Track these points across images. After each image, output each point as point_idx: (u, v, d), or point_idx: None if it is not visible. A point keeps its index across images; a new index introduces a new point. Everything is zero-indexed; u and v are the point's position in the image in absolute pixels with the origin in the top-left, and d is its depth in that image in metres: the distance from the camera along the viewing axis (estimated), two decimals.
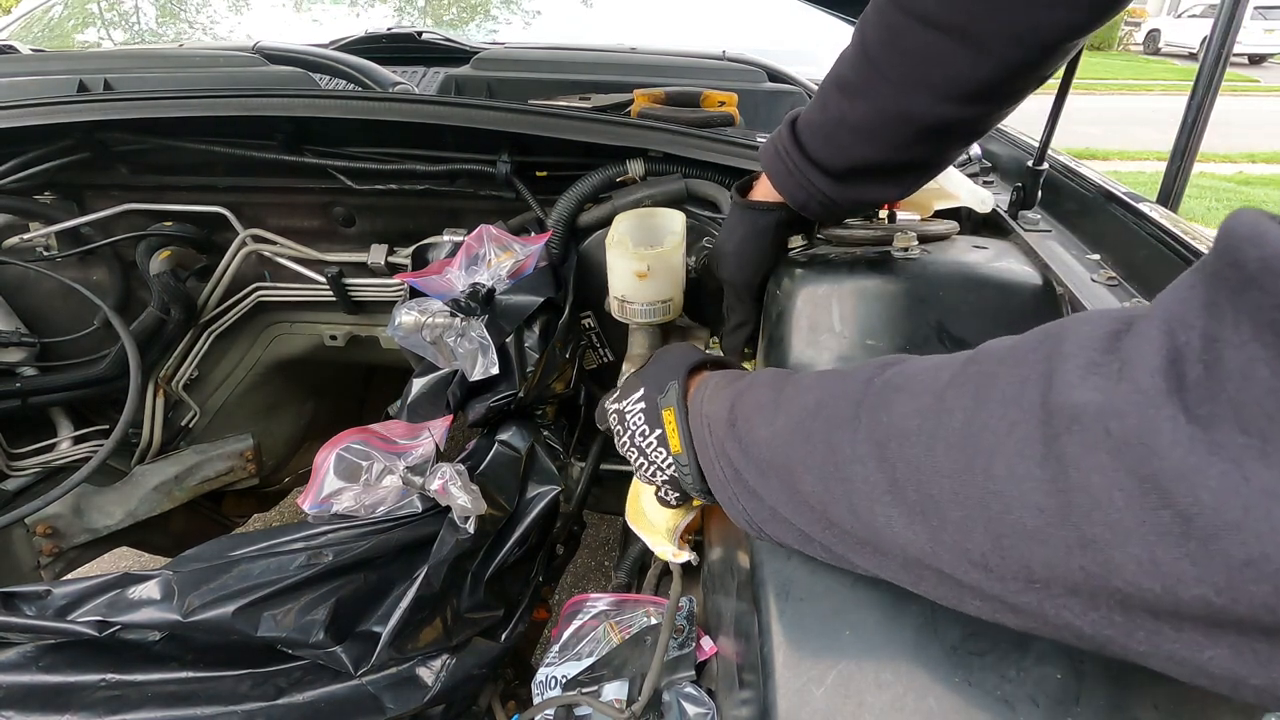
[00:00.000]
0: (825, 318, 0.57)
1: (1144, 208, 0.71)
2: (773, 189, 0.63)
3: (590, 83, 1.18)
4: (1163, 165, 0.96)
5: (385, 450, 0.65)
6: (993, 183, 0.99)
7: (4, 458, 1.01)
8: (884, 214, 0.71)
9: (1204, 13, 13.38)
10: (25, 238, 0.99)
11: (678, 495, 0.54)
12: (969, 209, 0.76)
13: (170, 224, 1.01)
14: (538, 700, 0.60)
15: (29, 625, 0.54)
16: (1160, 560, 0.22)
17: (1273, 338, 0.20)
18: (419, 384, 0.77)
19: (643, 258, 0.74)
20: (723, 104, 0.99)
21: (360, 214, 1.02)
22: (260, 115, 0.85)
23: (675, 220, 0.80)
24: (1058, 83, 0.65)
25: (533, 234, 0.92)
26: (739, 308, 0.72)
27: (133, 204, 0.99)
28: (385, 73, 1.18)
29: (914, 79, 0.51)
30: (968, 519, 0.28)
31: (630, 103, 1.00)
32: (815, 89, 0.59)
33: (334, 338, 1.10)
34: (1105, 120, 7.75)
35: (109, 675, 0.55)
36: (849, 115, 0.54)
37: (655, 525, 0.63)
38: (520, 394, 0.77)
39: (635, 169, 0.87)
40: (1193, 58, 13.16)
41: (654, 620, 0.62)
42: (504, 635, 0.70)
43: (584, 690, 0.57)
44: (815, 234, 0.70)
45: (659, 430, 0.51)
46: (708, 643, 0.58)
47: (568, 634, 0.63)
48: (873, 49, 0.52)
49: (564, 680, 0.59)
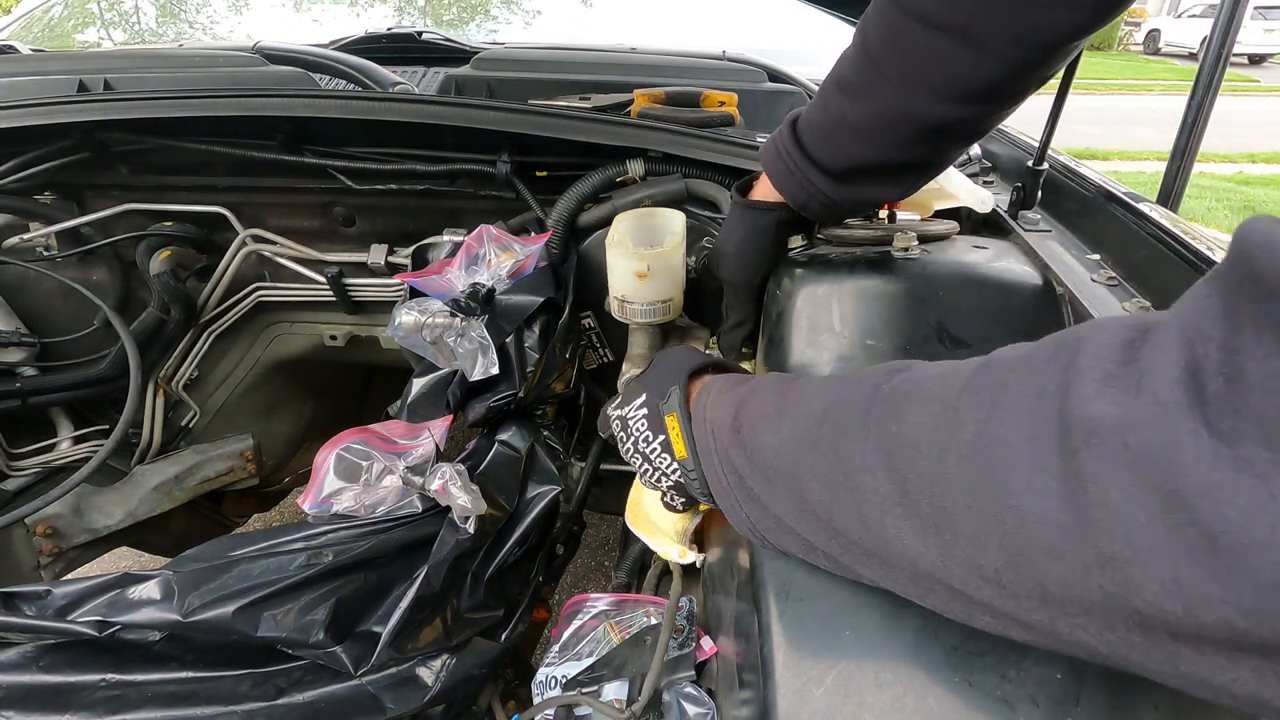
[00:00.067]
0: (825, 318, 0.57)
1: (1144, 208, 0.71)
2: (773, 189, 0.62)
3: (590, 83, 1.18)
4: (1163, 165, 0.96)
5: (385, 450, 0.65)
6: (993, 183, 0.99)
7: (4, 458, 1.01)
8: (884, 214, 0.71)
9: (1204, 13, 13.38)
10: (25, 238, 0.99)
11: (684, 500, 0.53)
12: (969, 209, 0.76)
13: (170, 224, 1.01)
14: (538, 700, 0.60)
15: (29, 625, 0.54)
16: (1183, 580, 0.21)
17: None
18: (419, 384, 0.77)
19: (643, 258, 0.74)
20: (723, 104, 0.99)
21: (360, 214, 1.02)
22: (260, 115, 0.85)
23: (675, 220, 0.80)
24: (1058, 83, 0.65)
25: (533, 234, 0.92)
26: (737, 307, 0.72)
27: (133, 204, 0.99)
28: (385, 73, 1.18)
29: (915, 79, 0.51)
30: (981, 533, 0.28)
31: (630, 103, 1.00)
32: (815, 89, 0.59)
33: (334, 338, 1.10)
34: (1105, 120, 7.75)
35: (109, 675, 0.55)
36: (850, 115, 0.54)
37: (662, 528, 0.63)
38: (520, 394, 0.77)
39: (635, 169, 0.87)
40: (1193, 58, 13.15)
41: (654, 620, 0.62)
42: (504, 635, 0.70)
43: (584, 690, 0.57)
44: (815, 234, 0.70)
45: (662, 436, 0.51)
46: (708, 643, 0.58)
47: (568, 634, 0.63)
48: (873, 49, 0.52)
49: (564, 680, 0.59)
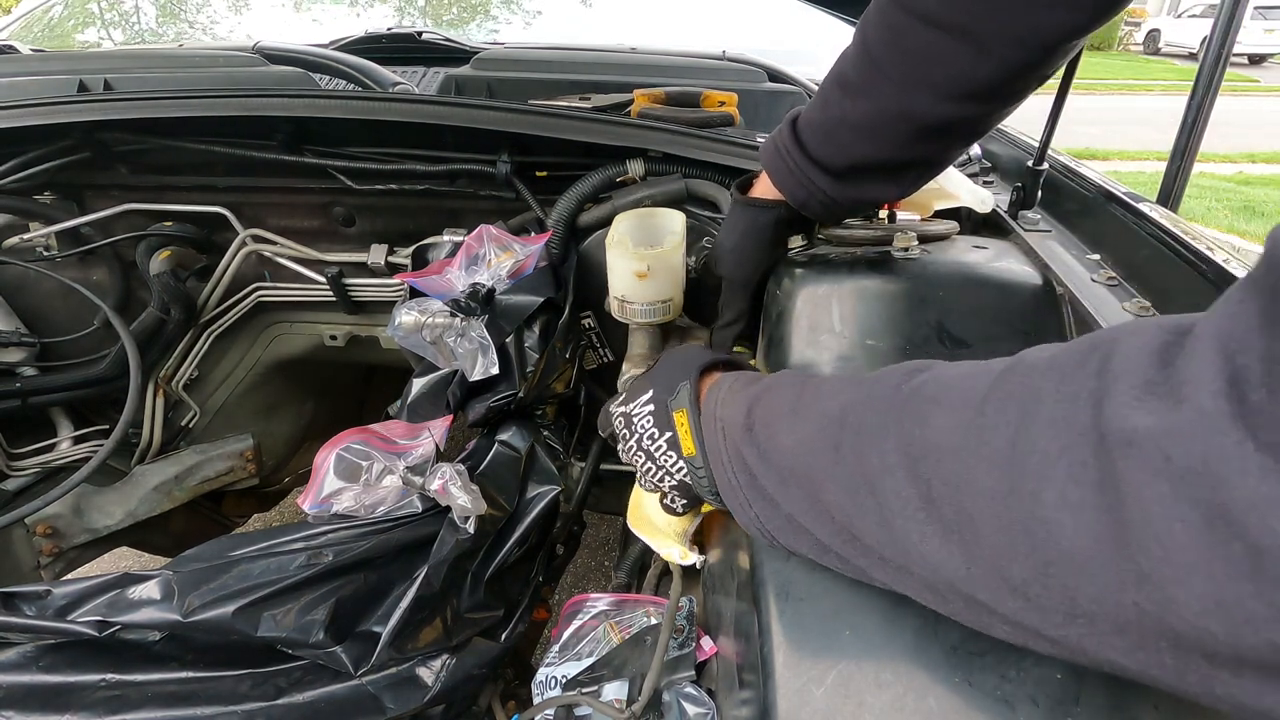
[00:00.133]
0: (825, 318, 0.57)
1: (1144, 208, 0.71)
2: (773, 187, 0.62)
3: (590, 83, 1.18)
4: (1163, 165, 0.96)
5: (385, 450, 0.65)
6: (993, 183, 0.99)
7: (4, 458, 1.01)
8: (884, 214, 0.71)
9: (1204, 13, 13.39)
10: (25, 238, 0.99)
11: (685, 501, 0.52)
12: (969, 209, 0.76)
13: (170, 224, 1.01)
14: (538, 700, 0.60)
15: (29, 625, 0.54)
16: (1226, 599, 0.21)
17: None
18: (419, 384, 0.77)
19: (643, 258, 0.73)
20: (723, 104, 0.99)
21: (360, 214, 1.02)
22: (260, 115, 0.85)
23: (675, 220, 0.80)
24: (1058, 83, 0.65)
25: (533, 234, 0.92)
26: (732, 305, 0.72)
27: (133, 204, 0.99)
28: (385, 73, 1.18)
29: (915, 78, 0.51)
30: (1010, 543, 0.27)
31: (630, 103, 1.00)
32: (815, 89, 0.59)
33: (334, 338, 1.10)
34: (1105, 120, 7.75)
35: (109, 675, 0.55)
36: (850, 114, 0.54)
37: (663, 528, 0.63)
38: (520, 394, 0.77)
39: (635, 169, 0.87)
40: (1193, 58, 13.16)
41: (654, 620, 0.62)
42: (504, 635, 0.70)
43: (584, 690, 0.57)
44: (815, 234, 0.70)
45: (669, 433, 0.50)
46: (708, 643, 0.58)
47: (568, 634, 0.63)
48: (874, 48, 0.52)
49: (564, 680, 0.59)
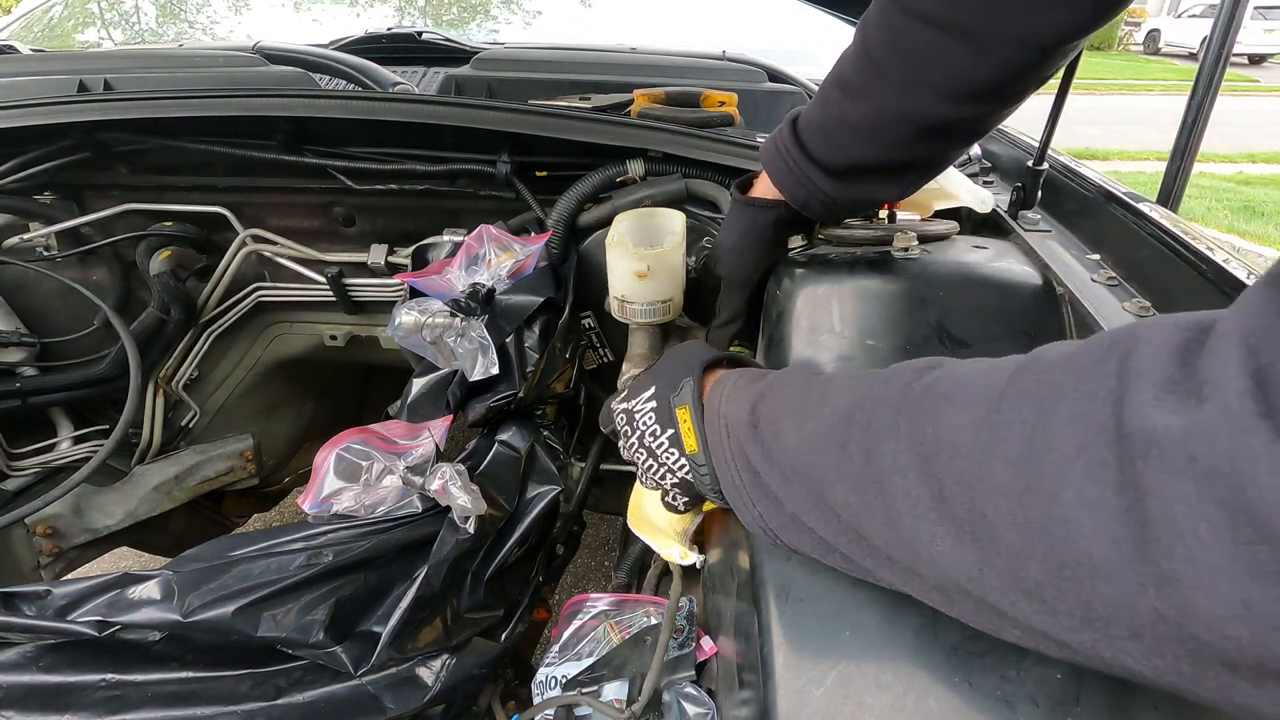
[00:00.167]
0: (825, 318, 0.57)
1: (1144, 208, 0.71)
2: (773, 187, 0.62)
3: (590, 83, 1.18)
4: (1163, 165, 0.96)
5: (385, 450, 0.65)
6: (993, 183, 0.99)
7: (4, 458, 1.00)
8: (884, 214, 0.71)
9: (1204, 13, 13.39)
10: (25, 238, 0.99)
11: (686, 499, 0.52)
12: (969, 209, 0.76)
13: (170, 224, 1.01)
14: (538, 700, 0.60)
15: (29, 625, 0.54)
16: (1253, 602, 0.20)
17: None
18: (419, 384, 0.77)
19: (643, 258, 0.73)
20: (723, 104, 0.99)
21: (360, 214, 1.02)
22: (260, 115, 0.85)
23: (675, 220, 0.80)
24: (1058, 83, 0.65)
25: (533, 234, 0.92)
26: (729, 304, 0.72)
27: (133, 204, 0.99)
28: (385, 73, 1.18)
29: (915, 79, 0.51)
30: (1025, 544, 0.26)
31: (630, 103, 1.00)
32: (815, 89, 0.59)
33: (334, 338, 1.10)
34: (1105, 120, 7.75)
35: (109, 675, 0.55)
36: (850, 114, 0.54)
37: (663, 528, 0.63)
38: (520, 394, 0.77)
39: (635, 169, 0.87)
40: (1193, 58, 13.16)
41: (654, 620, 0.62)
42: (504, 635, 0.70)
43: (584, 690, 0.57)
44: (815, 234, 0.70)
45: (671, 430, 0.50)
46: (708, 643, 0.58)
47: (568, 634, 0.63)
48: (874, 48, 0.52)
49: (564, 680, 0.59)
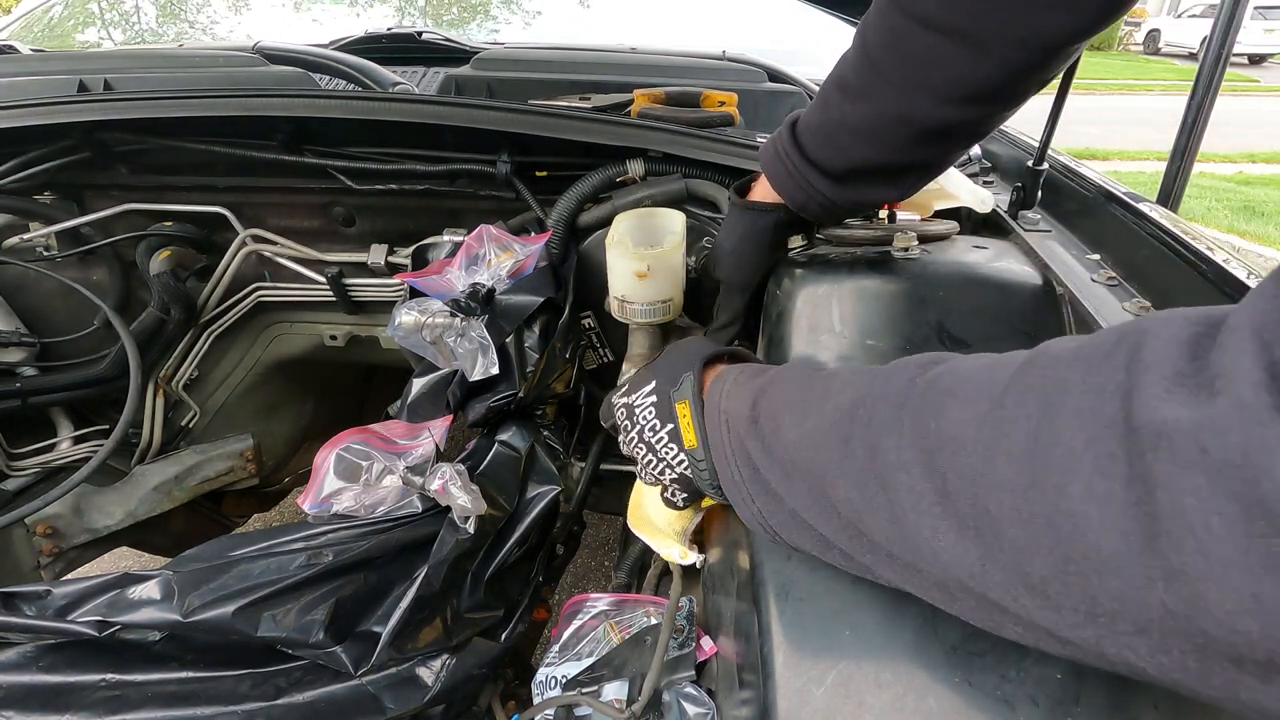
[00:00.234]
0: (825, 318, 0.58)
1: (1144, 208, 0.71)
2: (771, 190, 0.63)
3: (590, 83, 1.18)
4: (1163, 165, 0.96)
5: (385, 450, 0.65)
6: (993, 183, 0.99)
7: (4, 458, 1.00)
8: (884, 214, 0.71)
9: (1204, 13, 13.39)
10: (25, 238, 0.99)
11: (685, 496, 0.52)
12: (969, 209, 0.76)
13: (170, 224, 1.01)
14: (538, 700, 0.60)
15: (29, 625, 0.54)
16: (1264, 595, 0.20)
17: None
18: (419, 384, 0.77)
19: (643, 258, 0.74)
20: (723, 104, 0.99)
21: (360, 214, 1.02)
22: (260, 115, 0.85)
23: (675, 220, 0.80)
24: (1058, 83, 0.65)
25: (533, 234, 0.92)
26: (728, 307, 0.72)
27: (133, 204, 0.99)
28: (385, 73, 1.18)
29: (915, 81, 0.51)
30: (1030, 539, 0.26)
31: (630, 103, 1.00)
32: (815, 89, 0.59)
33: (334, 338, 1.10)
34: (1105, 120, 7.75)
35: (109, 675, 0.55)
36: (850, 117, 0.54)
37: (662, 527, 0.63)
38: (520, 394, 0.77)
39: (635, 169, 0.87)
40: (1193, 58, 13.16)
41: (654, 620, 0.62)
42: (504, 635, 0.70)
43: (584, 690, 0.57)
44: (815, 234, 0.70)
45: (671, 425, 0.49)
46: (708, 643, 0.58)
47: (568, 634, 0.63)
48: (874, 51, 0.52)
49: (564, 680, 0.59)
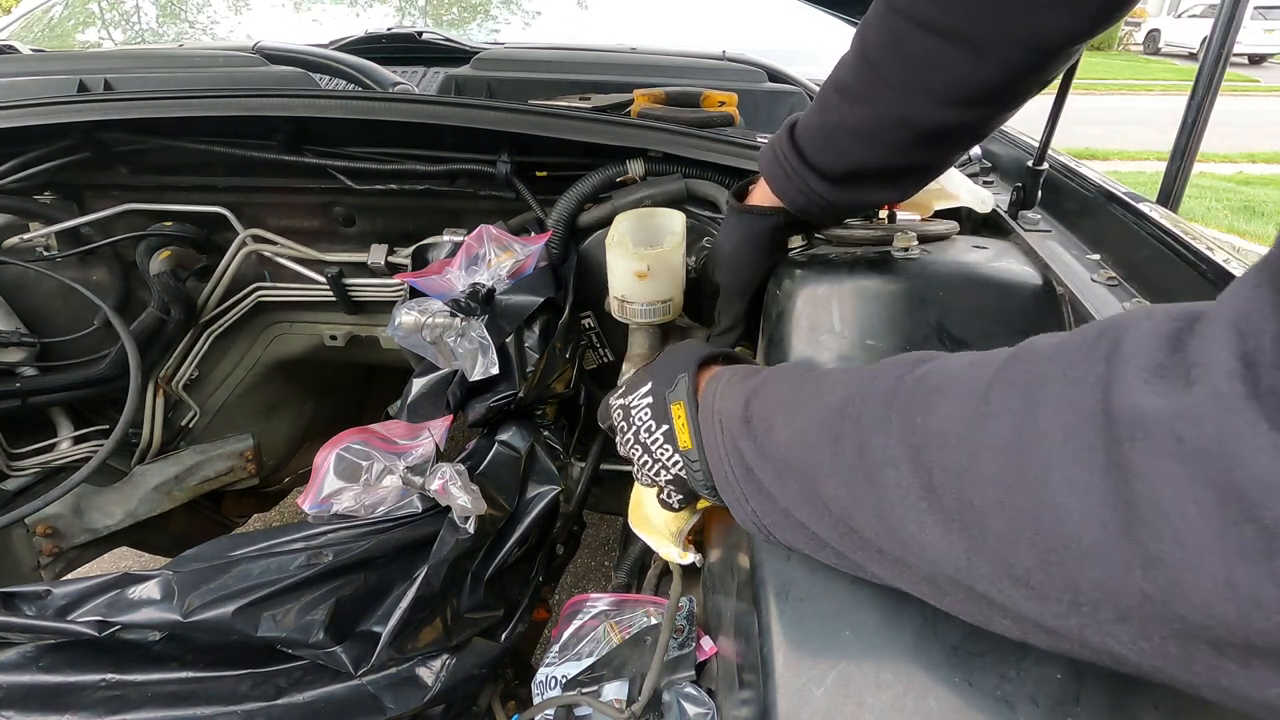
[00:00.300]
0: (825, 318, 0.57)
1: (1144, 208, 0.71)
2: (770, 193, 0.63)
3: (590, 83, 1.18)
4: (1163, 165, 0.96)
5: (385, 450, 0.65)
6: (993, 183, 0.99)
7: (4, 458, 1.00)
8: (884, 214, 0.71)
9: (1204, 13, 13.38)
10: (25, 238, 0.99)
11: (681, 497, 0.52)
12: (969, 209, 0.76)
13: (170, 224, 1.01)
14: (538, 700, 0.60)
15: (29, 625, 0.54)
16: (1238, 580, 0.20)
17: None
18: (419, 384, 0.77)
19: (643, 258, 0.74)
20: (723, 104, 0.99)
21: (360, 214, 1.02)
22: (260, 115, 0.85)
23: (675, 220, 0.80)
24: (1058, 83, 0.65)
25: (533, 234, 0.92)
26: (730, 311, 0.72)
27: (133, 204, 0.99)
28: (385, 73, 1.18)
29: (914, 84, 0.51)
30: (1013, 530, 0.27)
31: (630, 103, 1.00)
32: (815, 89, 0.59)
33: (334, 338, 1.10)
34: (1105, 120, 7.75)
35: (109, 675, 0.55)
36: (849, 120, 0.54)
37: (660, 528, 0.63)
38: (520, 394, 0.77)
39: (635, 169, 0.87)
40: (1193, 58, 13.16)
41: (654, 620, 0.62)
42: (504, 635, 0.70)
43: (584, 690, 0.57)
44: (814, 234, 0.70)
45: (666, 426, 0.50)
46: (708, 643, 0.58)
47: (568, 634, 0.63)
48: (873, 54, 0.52)
49: (564, 680, 0.59)
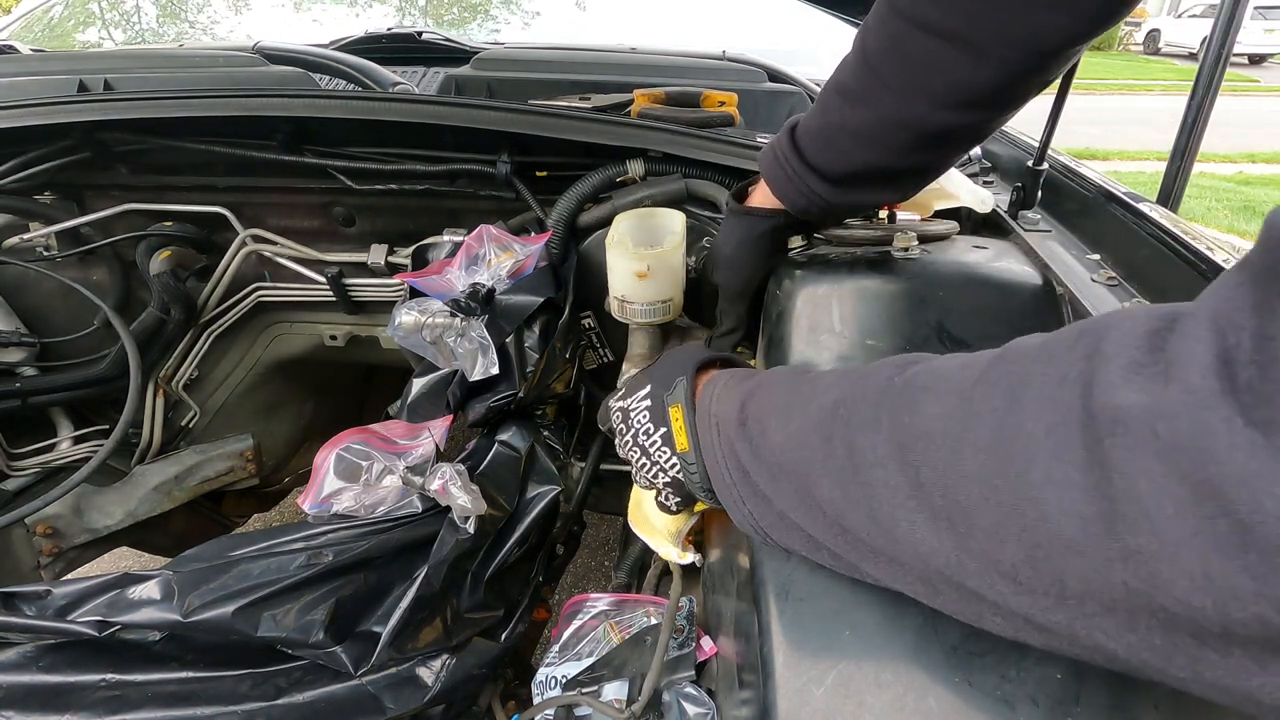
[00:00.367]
0: (825, 318, 0.57)
1: (1144, 208, 0.71)
2: (770, 195, 0.63)
3: (590, 83, 1.18)
4: (1163, 165, 0.96)
5: (385, 450, 0.65)
6: (993, 183, 0.99)
7: (4, 458, 1.00)
8: (884, 214, 0.71)
9: (1204, 13, 13.39)
10: (25, 238, 0.99)
11: (679, 500, 0.52)
12: (969, 209, 0.76)
13: (170, 224, 1.01)
14: (538, 700, 0.60)
15: (29, 625, 0.54)
16: (1214, 573, 0.21)
17: None
18: (419, 384, 0.77)
19: (643, 258, 0.74)
20: (723, 104, 0.99)
21: (360, 214, 1.02)
22: (260, 115, 0.85)
23: (675, 220, 0.80)
24: (1058, 84, 0.65)
25: (533, 234, 0.92)
26: (731, 313, 0.72)
27: (133, 204, 0.99)
28: (385, 73, 1.18)
29: (915, 86, 0.51)
30: (999, 527, 0.27)
31: (630, 103, 1.00)
32: (815, 89, 0.59)
33: (334, 338, 1.10)
34: (1105, 120, 7.76)
35: (109, 675, 0.55)
36: (849, 121, 0.54)
37: (659, 528, 0.63)
38: (520, 394, 0.77)
39: (635, 169, 0.87)
40: (1193, 58, 13.16)
41: (654, 620, 0.62)
42: (504, 635, 0.70)
43: (584, 690, 0.57)
44: (814, 234, 0.70)
45: (664, 429, 0.50)
46: (708, 643, 0.58)
47: (568, 634, 0.63)
48: (874, 56, 0.52)
49: (564, 680, 0.59)
